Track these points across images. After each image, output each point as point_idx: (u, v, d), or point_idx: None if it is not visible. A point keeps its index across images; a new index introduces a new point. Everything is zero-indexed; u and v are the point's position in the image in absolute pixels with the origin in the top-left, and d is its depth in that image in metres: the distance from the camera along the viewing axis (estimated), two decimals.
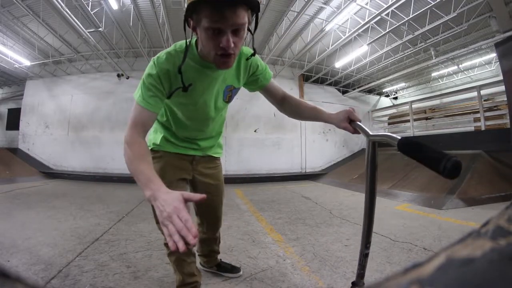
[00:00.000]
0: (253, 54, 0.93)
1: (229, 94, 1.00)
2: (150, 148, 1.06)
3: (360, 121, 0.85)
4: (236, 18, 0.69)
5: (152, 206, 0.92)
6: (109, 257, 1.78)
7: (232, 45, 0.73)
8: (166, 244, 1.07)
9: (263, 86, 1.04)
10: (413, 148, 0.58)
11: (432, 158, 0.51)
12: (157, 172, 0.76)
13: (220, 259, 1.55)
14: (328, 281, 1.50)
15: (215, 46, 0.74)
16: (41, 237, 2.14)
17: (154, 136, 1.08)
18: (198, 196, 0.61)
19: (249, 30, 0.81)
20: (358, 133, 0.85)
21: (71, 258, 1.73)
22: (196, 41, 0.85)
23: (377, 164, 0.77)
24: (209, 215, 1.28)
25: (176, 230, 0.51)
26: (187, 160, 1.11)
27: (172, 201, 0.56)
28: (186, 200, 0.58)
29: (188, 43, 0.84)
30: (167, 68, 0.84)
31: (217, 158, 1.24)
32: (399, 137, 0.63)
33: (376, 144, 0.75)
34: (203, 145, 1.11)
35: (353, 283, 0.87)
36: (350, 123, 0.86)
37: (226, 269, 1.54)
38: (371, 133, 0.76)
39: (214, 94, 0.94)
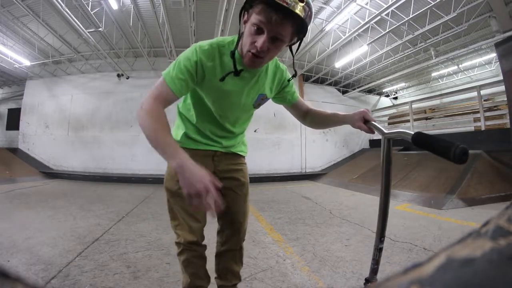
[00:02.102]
0: (294, 76, 1.01)
1: (259, 102, 1.02)
2: None
3: (374, 121, 0.89)
4: (279, 27, 0.73)
5: (168, 202, 1.00)
6: (109, 257, 1.78)
7: (266, 49, 0.77)
8: (177, 243, 1.04)
9: (290, 104, 1.09)
10: (425, 141, 0.65)
11: (443, 147, 0.59)
12: None
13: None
14: (328, 281, 1.49)
15: (251, 43, 0.78)
16: (41, 237, 2.14)
17: (175, 132, 1.07)
18: (218, 182, 0.66)
19: (291, 50, 0.87)
20: (373, 132, 0.90)
21: (71, 258, 1.73)
22: (239, 39, 0.85)
23: (392, 160, 0.82)
24: (229, 218, 1.11)
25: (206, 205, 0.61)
26: (209, 156, 1.06)
27: (202, 178, 0.64)
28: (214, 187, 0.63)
29: (240, 33, 0.84)
30: (205, 59, 0.85)
31: (242, 156, 1.16)
32: (413, 132, 0.69)
33: (391, 141, 0.79)
34: (225, 143, 1.07)
35: (366, 279, 0.88)
36: (365, 123, 0.90)
37: None
38: (385, 131, 0.80)
39: (244, 94, 0.95)
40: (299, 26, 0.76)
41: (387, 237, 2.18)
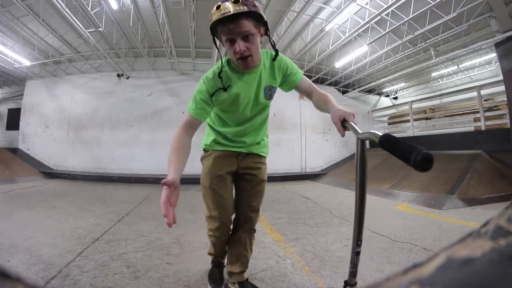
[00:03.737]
0: (276, 55, 1.10)
1: (269, 92, 1.16)
2: (202, 148, 1.32)
3: (353, 122, 0.86)
4: (239, 28, 0.89)
5: (203, 194, 1.30)
6: (109, 257, 1.77)
7: (244, 48, 0.92)
8: (208, 229, 1.34)
9: (294, 86, 1.18)
10: (390, 143, 0.64)
11: (405, 152, 0.56)
12: (208, 166, 1.24)
13: (247, 278, 1.36)
14: (328, 281, 1.49)
15: (233, 53, 0.94)
16: (41, 237, 2.14)
17: (206, 138, 1.30)
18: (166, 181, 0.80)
19: (268, 36, 1.01)
20: (343, 133, 0.90)
21: (71, 258, 1.73)
22: (223, 60, 1.07)
23: (366, 161, 0.82)
24: (242, 207, 1.31)
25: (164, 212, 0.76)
26: (233, 155, 1.26)
27: (163, 196, 0.78)
28: (164, 184, 0.78)
29: (222, 55, 1.08)
30: (212, 85, 1.05)
31: (263, 157, 1.34)
32: (381, 134, 0.68)
33: (364, 142, 0.79)
34: (248, 140, 1.24)
35: (345, 282, 0.88)
36: (342, 122, 0.89)
37: None
38: (360, 132, 0.79)
39: (253, 93, 1.11)
40: (253, 16, 0.90)
41: (387, 237, 2.18)
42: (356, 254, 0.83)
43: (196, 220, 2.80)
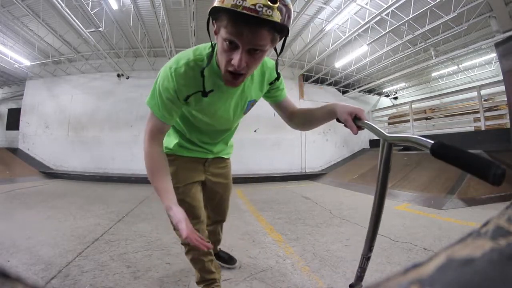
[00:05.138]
0: (277, 79, 0.91)
1: (249, 108, 0.99)
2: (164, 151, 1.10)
3: (368, 121, 0.78)
4: (254, 39, 0.63)
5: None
6: (109, 257, 1.77)
7: (244, 65, 0.67)
8: (184, 244, 1.10)
9: (276, 101, 1.03)
10: (451, 153, 0.56)
11: (479, 165, 0.50)
12: (172, 174, 0.92)
13: (219, 248, 1.65)
14: (328, 281, 1.49)
15: (227, 61, 0.69)
16: (41, 237, 2.14)
17: (167, 139, 1.07)
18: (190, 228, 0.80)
19: (275, 50, 0.76)
20: (356, 132, 0.79)
21: (71, 258, 1.73)
22: (212, 52, 0.80)
23: (391, 167, 0.72)
24: (216, 209, 1.36)
25: (187, 233, 0.75)
26: (200, 162, 1.15)
27: (178, 220, 0.78)
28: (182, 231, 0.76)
29: (212, 46, 0.78)
30: (183, 83, 0.79)
31: (227, 158, 1.29)
32: (432, 142, 0.57)
33: (392, 146, 0.71)
34: (216, 150, 1.15)
35: (351, 285, 0.86)
36: (354, 119, 0.77)
37: (223, 259, 1.63)
38: (387, 135, 0.70)
39: (232, 106, 0.91)
40: (278, 31, 0.65)
41: (387, 237, 2.18)
42: (367, 259, 0.81)
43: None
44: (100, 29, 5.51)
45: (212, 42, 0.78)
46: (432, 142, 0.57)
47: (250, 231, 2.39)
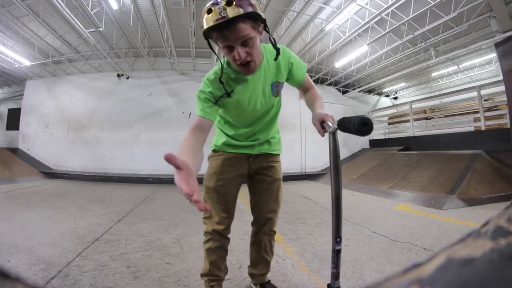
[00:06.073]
0: (277, 55, 1.04)
1: (277, 89, 1.12)
2: (212, 148, 1.26)
3: (330, 122, 0.89)
4: (236, 34, 0.80)
5: (204, 197, 1.20)
6: (109, 257, 1.77)
7: (245, 55, 0.85)
8: (205, 233, 1.21)
9: (299, 82, 1.16)
10: (343, 124, 0.70)
11: (348, 123, 0.62)
12: (215, 166, 1.18)
13: (269, 280, 1.39)
14: (328, 281, 1.49)
15: (233, 59, 0.87)
16: (41, 237, 2.14)
17: (217, 139, 1.24)
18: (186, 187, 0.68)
19: (267, 32, 0.93)
20: (323, 134, 0.93)
21: (71, 258, 1.73)
22: (222, 63, 1.01)
23: (339, 154, 0.86)
24: (259, 210, 1.28)
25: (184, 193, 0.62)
26: (244, 158, 1.21)
27: (177, 182, 0.67)
28: (170, 163, 0.61)
29: (221, 60, 1.00)
30: (216, 86, 1.00)
31: (276, 155, 1.29)
32: (336, 121, 0.77)
33: (335, 135, 0.82)
34: (261, 137, 1.20)
35: (328, 285, 0.82)
36: (321, 123, 0.91)
37: None
38: (330, 127, 0.84)
39: (260, 91, 1.06)
40: (250, 18, 0.81)
41: (387, 237, 2.18)
42: (336, 253, 0.78)
43: (196, 220, 2.79)
44: (100, 29, 5.51)
45: (220, 60, 1.01)
46: (337, 121, 0.75)
47: (250, 231, 2.38)
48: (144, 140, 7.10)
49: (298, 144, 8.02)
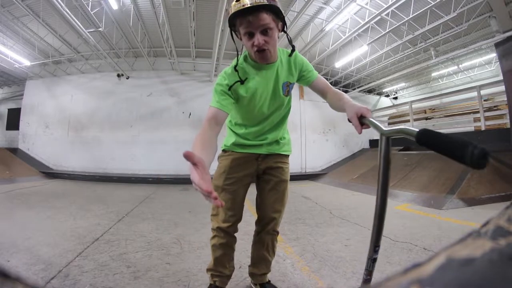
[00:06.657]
0: (292, 51, 1.11)
1: (287, 89, 1.16)
2: (222, 148, 1.27)
3: (372, 118, 0.83)
4: (258, 21, 0.89)
5: None
6: (109, 257, 1.77)
7: (263, 42, 0.93)
8: (212, 229, 1.24)
9: (310, 82, 1.18)
10: (433, 140, 0.54)
11: (456, 148, 0.47)
12: (224, 166, 1.21)
13: (269, 280, 1.39)
14: (328, 281, 1.49)
15: (251, 46, 0.95)
16: (41, 237, 2.14)
17: (227, 139, 1.27)
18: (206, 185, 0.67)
19: (285, 32, 1.02)
20: (360, 131, 0.85)
21: (71, 258, 1.73)
22: (238, 54, 1.07)
23: (391, 161, 0.73)
24: (263, 209, 1.29)
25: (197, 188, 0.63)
26: (253, 158, 1.23)
27: (193, 179, 0.65)
28: (188, 160, 0.63)
29: (238, 50, 1.05)
30: (231, 78, 1.06)
31: (285, 156, 1.29)
32: (417, 130, 0.58)
33: (390, 140, 0.72)
34: (270, 136, 1.21)
35: None
36: (360, 118, 0.85)
37: None
38: (384, 129, 0.73)
39: (271, 89, 1.11)
40: (272, 10, 0.90)
41: (387, 237, 2.18)
42: (372, 261, 0.75)
43: (196, 220, 2.80)
44: (100, 29, 5.51)
45: (237, 48, 1.05)
46: (417, 130, 0.58)
47: (250, 231, 2.37)
48: (144, 140, 7.10)
49: (298, 144, 8.02)
